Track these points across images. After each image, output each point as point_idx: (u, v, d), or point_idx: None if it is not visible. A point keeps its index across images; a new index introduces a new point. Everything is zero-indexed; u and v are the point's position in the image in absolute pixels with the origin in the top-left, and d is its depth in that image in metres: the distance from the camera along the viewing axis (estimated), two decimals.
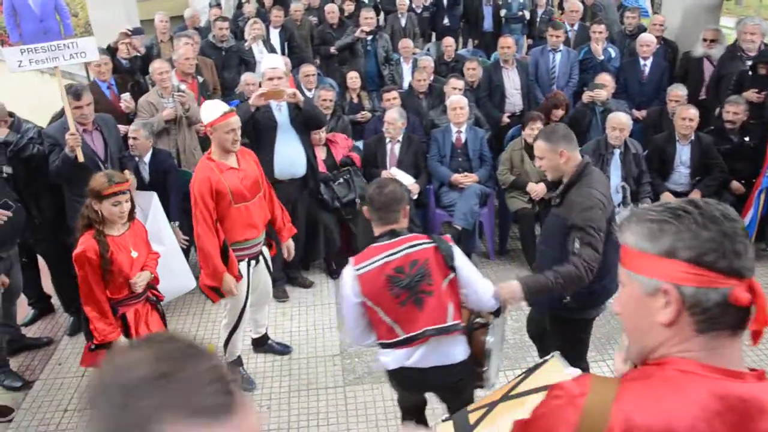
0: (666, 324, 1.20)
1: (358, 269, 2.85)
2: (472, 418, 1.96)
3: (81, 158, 4.45)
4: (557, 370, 2.03)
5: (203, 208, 3.78)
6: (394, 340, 2.89)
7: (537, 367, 2.04)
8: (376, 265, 2.84)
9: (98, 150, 4.74)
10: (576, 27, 8.04)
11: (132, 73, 6.64)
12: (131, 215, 3.57)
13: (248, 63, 7.62)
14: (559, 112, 6.20)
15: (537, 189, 5.60)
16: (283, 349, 4.68)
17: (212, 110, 3.84)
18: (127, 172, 4.78)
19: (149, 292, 3.72)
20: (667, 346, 1.21)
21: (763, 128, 5.65)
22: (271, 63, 4.92)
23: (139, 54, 6.86)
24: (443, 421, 2.08)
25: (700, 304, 1.16)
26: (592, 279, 3.17)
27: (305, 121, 4.98)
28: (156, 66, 5.90)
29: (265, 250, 4.28)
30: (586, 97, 6.26)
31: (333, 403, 4.18)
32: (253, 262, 4.13)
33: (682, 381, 1.17)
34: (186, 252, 5.29)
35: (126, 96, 5.81)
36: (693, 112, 5.58)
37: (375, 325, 2.93)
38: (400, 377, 3.05)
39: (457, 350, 2.93)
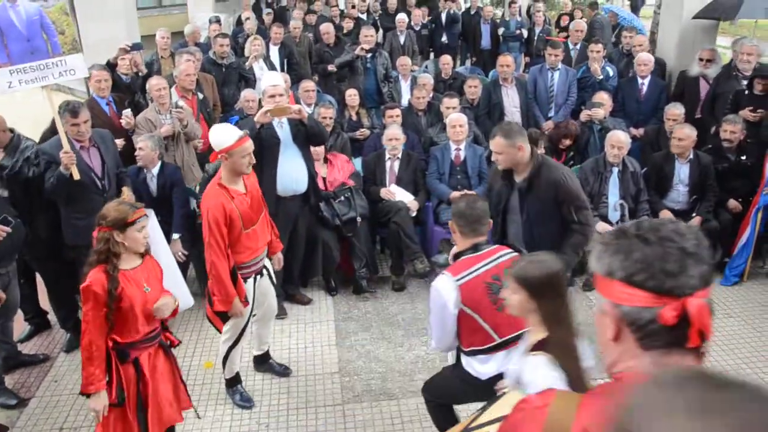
0: (612, 340, 1.25)
1: (458, 279, 3.03)
2: None
3: (76, 176, 4.44)
4: (518, 399, 2.09)
5: (218, 235, 3.77)
6: (490, 345, 3.06)
7: (498, 398, 2.12)
8: (476, 274, 3.06)
9: (95, 167, 4.72)
10: (579, 46, 8.11)
11: (131, 91, 6.66)
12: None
13: (248, 79, 7.66)
14: (567, 142, 6.24)
15: None
16: (283, 371, 4.64)
17: (227, 136, 3.77)
18: (126, 189, 4.77)
19: (162, 336, 3.46)
20: (622, 362, 1.26)
21: (759, 147, 5.69)
22: (272, 80, 4.92)
23: (140, 73, 6.85)
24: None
25: (635, 322, 1.20)
26: None
27: (308, 137, 4.99)
28: (154, 82, 5.92)
29: (267, 262, 4.29)
30: (584, 116, 6.32)
31: (332, 422, 4.15)
32: (258, 277, 4.13)
33: None
34: (184, 267, 5.28)
35: (127, 112, 5.81)
36: (686, 132, 5.64)
37: (470, 333, 3.08)
38: (482, 388, 3.08)
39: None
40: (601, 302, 1.27)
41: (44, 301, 5.23)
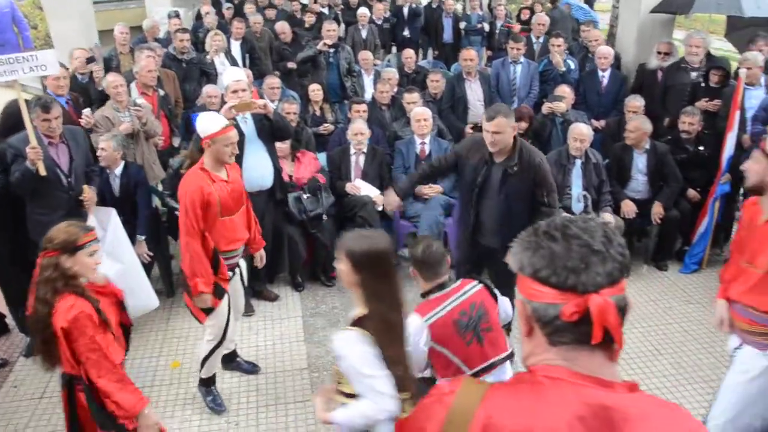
0: (525, 335, 1.29)
1: (427, 320, 3.10)
2: None
3: (43, 172, 4.34)
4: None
5: (193, 218, 3.73)
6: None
7: None
8: (443, 313, 3.13)
9: (62, 164, 4.61)
10: (542, 40, 8.19)
11: (86, 92, 6.52)
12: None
13: (209, 75, 7.56)
14: (523, 125, 6.30)
15: None
16: (251, 368, 4.60)
17: (212, 123, 3.83)
18: (86, 188, 4.67)
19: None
20: (534, 356, 1.28)
21: (716, 138, 5.82)
22: (234, 75, 4.86)
23: (97, 79, 6.70)
24: None
25: (542, 318, 1.23)
26: None
27: (273, 132, 4.96)
28: (110, 79, 5.77)
29: (242, 262, 4.24)
30: (545, 108, 6.39)
31: (302, 417, 4.13)
32: (230, 273, 4.08)
33: (548, 386, 1.22)
34: (148, 267, 5.20)
35: (87, 111, 5.68)
36: (635, 124, 5.80)
37: (442, 367, 3.15)
38: None
39: (507, 375, 3.22)
40: (518, 298, 1.29)
41: (1, 304, 5.09)
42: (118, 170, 5.15)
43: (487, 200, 4.22)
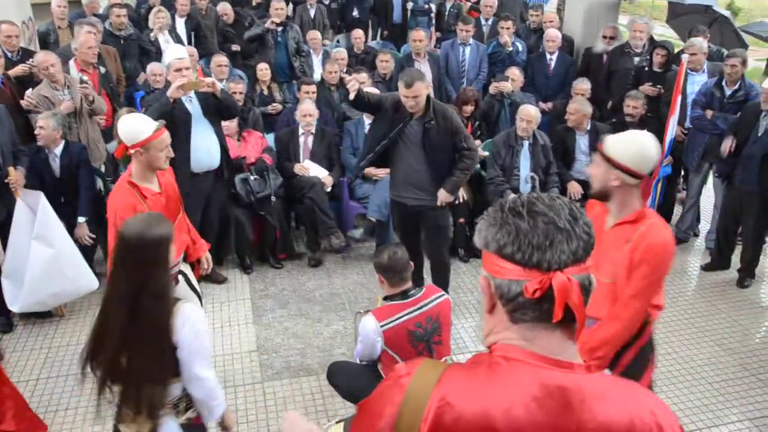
0: (487, 312, 1.28)
1: (382, 325, 3.24)
2: None
3: None
4: None
5: None
6: None
7: None
8: (398, 322, 3.26)
9: None
10: (491, 21, 8.22)
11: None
12: None
13: (149, 52, 7.34)
14: (469, 108, 6.34)
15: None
16: None
17: (142, 127, 3.33)
18: (12, 169, 4.49)
19: None
20: (494, 334, 1.28)
21: (659, 122, 5.96)
22: (177, 53, 4.71)
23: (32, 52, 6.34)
24: (336, 422, 2.26)
25: (504, 295, 1.22)
26: None
27: (221, 110, 4.85)
28: (41, 59, 5.39)
29: (185, 267, 3.78)
30: (492, 88, 6.45)
31: (251, 400, 4.09)
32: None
33: (505, 367, 1.21)
34: (91, 251, 5.06)
35: (29, 92, 5.40)
36: (574, 107, 5.95)
37: (389, 365, 3.25)
38: None
39: None
40: (482, 274, 1.28)
41: None
42: (58, 150, 4.96)
43: (405, 155, 4.54)
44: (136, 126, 3.34)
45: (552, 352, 1.22)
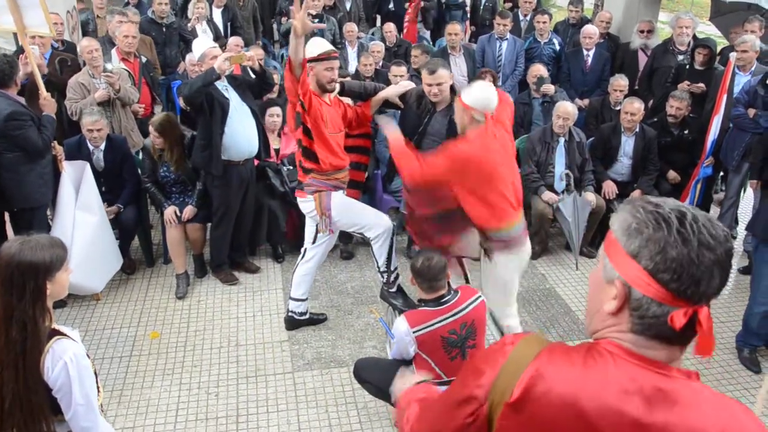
0: (608, 311, 1.26)
1: (415, 331, 3.25)
2: None
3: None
4: None
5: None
6: (438, 381, 3.22)
7: None
8: (432, 329, 3.26)
9: None
10: (529, 17, 8.14)
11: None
12: None
13: (188, 41, 7.41)
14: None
15: None
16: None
17: (313, 47, 3.99)
18: (56, 143, 4.64)
19: None
20: (606, 329, 1.28)
21: (701, 122, 5.85)
22: (207, 44, 4.97)
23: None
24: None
25: (640, 309, 1.20)
26: None
27: (261, 85, 4.97)
28: (84, 44, 5.62)
29: None
30: (539, 93, 6.36)
31: (282, 390, 4.13)
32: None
33: (606, 358, 1.23)
34: (130, 239, 5.29)
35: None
36: (636, 106, 5.70)
37: (422, 366, 3.29)
38: None
39: None
40: (612, 272, 1.24)
41: None
42: (103, 145, 5.11)
43: (430, 146, 4.42)
44: (309, 46, 3.99)
45: (657, 358, 1.23)
